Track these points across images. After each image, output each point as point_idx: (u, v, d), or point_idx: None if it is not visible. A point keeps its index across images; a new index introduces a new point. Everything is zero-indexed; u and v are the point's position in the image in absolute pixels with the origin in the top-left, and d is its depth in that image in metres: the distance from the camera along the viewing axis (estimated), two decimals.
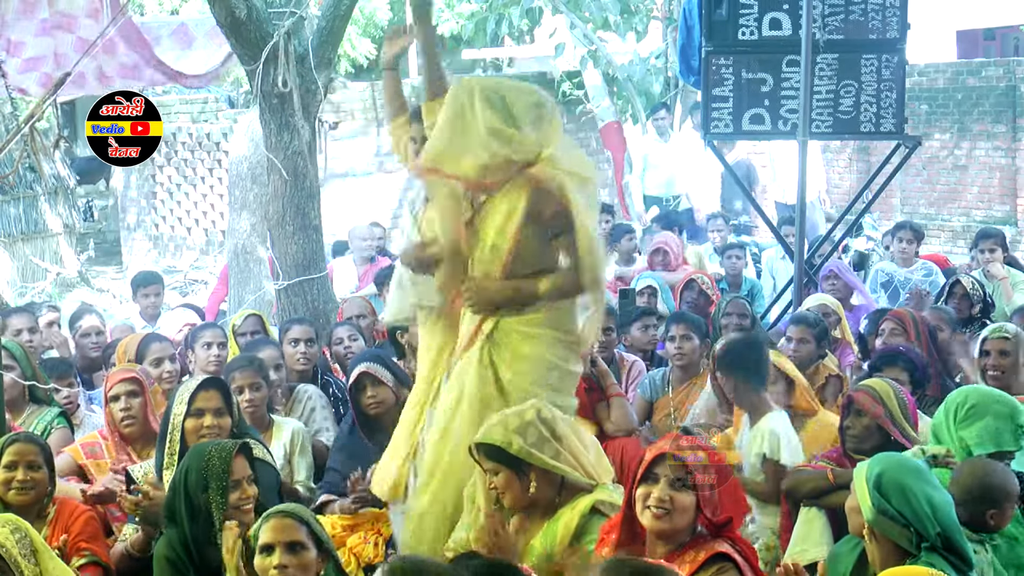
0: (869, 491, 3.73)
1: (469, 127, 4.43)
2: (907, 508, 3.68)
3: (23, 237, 14.95)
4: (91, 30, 8.81)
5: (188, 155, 16.08)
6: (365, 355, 5.79)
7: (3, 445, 4.51)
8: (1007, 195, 15.24)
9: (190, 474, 4.12)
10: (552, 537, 4.05)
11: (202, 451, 4.21)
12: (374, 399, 5.45)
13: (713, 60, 7.71)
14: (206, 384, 4.84)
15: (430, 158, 4.49)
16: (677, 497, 3.60)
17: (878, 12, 7.56)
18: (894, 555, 3.70)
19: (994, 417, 4.46)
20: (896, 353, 5.61)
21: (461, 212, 4.57)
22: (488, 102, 4.46)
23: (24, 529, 3.81)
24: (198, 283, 13.79)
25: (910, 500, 3.69)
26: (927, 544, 3.66)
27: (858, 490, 3.79)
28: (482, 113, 4.43)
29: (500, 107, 4.47)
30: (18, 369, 5.77)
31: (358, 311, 7.50)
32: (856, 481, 3.82)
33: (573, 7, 14.94)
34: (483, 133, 4.41)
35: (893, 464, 3.85)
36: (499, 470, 4.09)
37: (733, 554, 3.55)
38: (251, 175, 9.23)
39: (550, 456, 4.07)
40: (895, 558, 3.69)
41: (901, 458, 4.01)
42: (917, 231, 9.13)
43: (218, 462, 4.11)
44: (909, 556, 3.68)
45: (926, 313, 6.58)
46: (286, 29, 7.57)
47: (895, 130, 7.74)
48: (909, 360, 5.52)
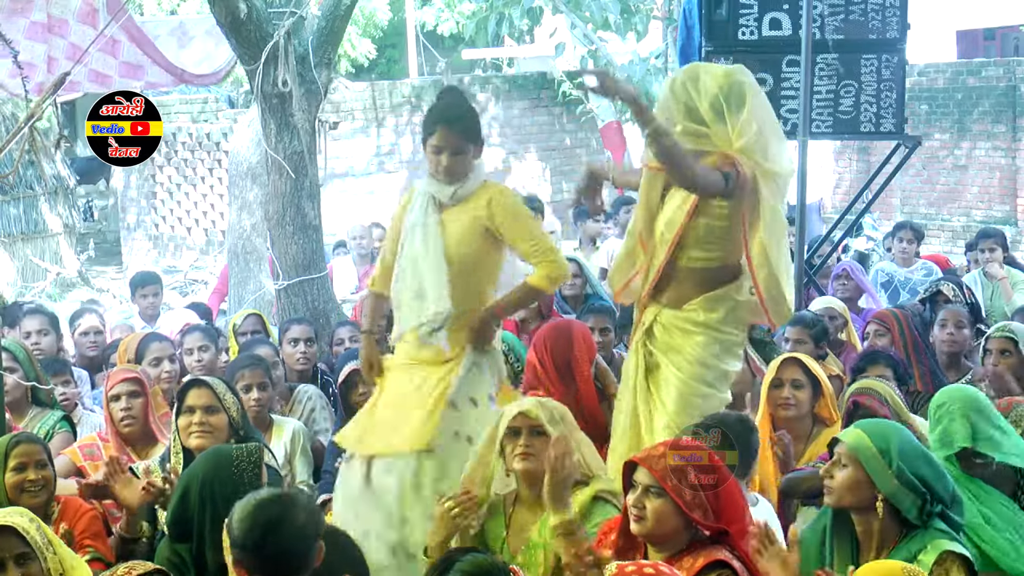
0: (885, 460, 3.70)
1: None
2: (929, 471, 3.69)
3: (23, 237, 14.96)
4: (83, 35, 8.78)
5: (188, 155, 16.08)
6: (355, 353, 5.81)
7: (7, 447, 4.49)
8: (1007, 195, 15.24)
9: (215, 485, 4.00)
10: (551, 529, 4.03)
11: (227, 461, 4.10)
12: (364, 396, 5.45)
13: (713, 60, 7.69)
14: (196, 382, 4.85)
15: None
16: (651, 503, 3.57)
17: (878, 12, 7.56)
18: (894, 529, 3.70)
19: (951, 420, 4.28)
20: (876, 353, 5.67)
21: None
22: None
23: (37, 520, 3.82)
24: (198, 283, 13.79)
25: (931, 463, 3.71)
26: (937, 510, 3.67)
27: (866, 463, 3.72)
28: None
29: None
30: (21, 371, 5.76)
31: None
32: (860, 455, 3.73)
33: (573, 7, 14.95)
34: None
35: (892, 430, 3.83)
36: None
37: (731, 560, 3.50)
38: (251, 175, 9.23)
39: (560, 432, 4.11)
40: (894, 533, 3.70)
41: (892, 424, 3.98)
42: (917, 231, 9.13)
43: (249, 472, 4.07)
44: (911, 529, 3.67)
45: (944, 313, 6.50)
46: (286, 29, 7.56)
47: (895, 130, 7.74)
48: (889, 358, 5.58)
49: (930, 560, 3.57)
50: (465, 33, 16.38)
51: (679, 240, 4.76)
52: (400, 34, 22.58)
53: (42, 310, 7.56)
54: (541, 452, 4.09)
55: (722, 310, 4.77)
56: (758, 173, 4.67)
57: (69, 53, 8.70)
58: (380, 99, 16.06)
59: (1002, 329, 5.80)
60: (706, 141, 4.74)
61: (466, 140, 4.82)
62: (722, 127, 4.71)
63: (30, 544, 3.66)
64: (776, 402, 5.05)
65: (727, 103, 4.70)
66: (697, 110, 4.74)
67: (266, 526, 3.40)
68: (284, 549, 3.39)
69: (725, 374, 4.82)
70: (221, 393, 4.78)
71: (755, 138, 4.67)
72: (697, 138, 4.74)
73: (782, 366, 5.10)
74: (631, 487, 3.66)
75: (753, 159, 4.66)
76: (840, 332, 6.89)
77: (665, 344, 4.80)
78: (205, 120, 16.22)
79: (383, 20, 22.36)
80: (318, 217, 8.01)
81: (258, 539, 3.38)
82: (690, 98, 4.74)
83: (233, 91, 16.69)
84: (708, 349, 4.75)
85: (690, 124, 4.74)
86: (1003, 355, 5.65)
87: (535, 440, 4.13)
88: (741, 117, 4.68)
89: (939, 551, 3.58)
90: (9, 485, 4.44)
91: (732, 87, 4.72)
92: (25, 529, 3.68)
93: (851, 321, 7.10)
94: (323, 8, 8.08)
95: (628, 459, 3.76)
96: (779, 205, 4.78)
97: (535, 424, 4.15)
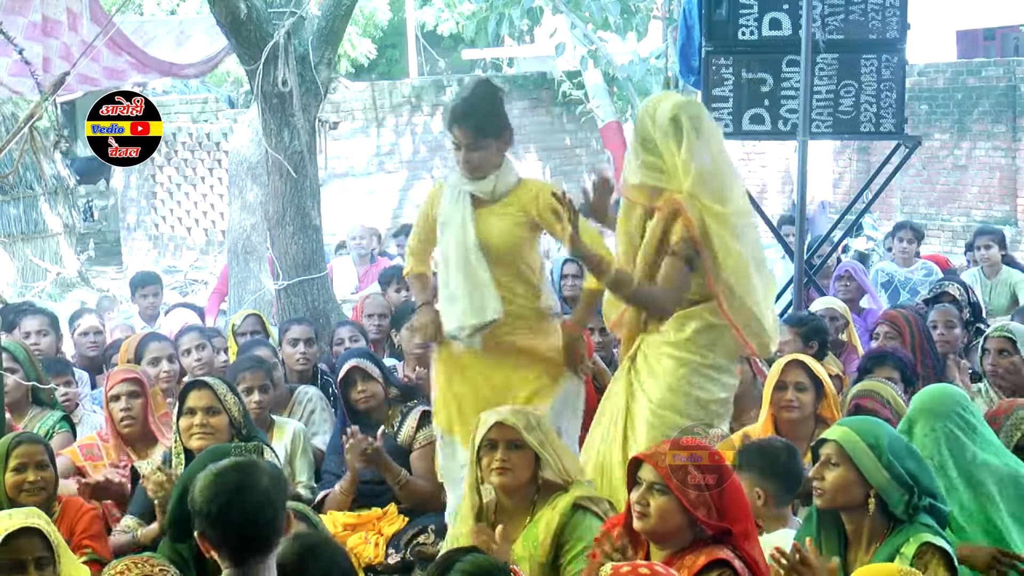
0: (875, 454, 3.68)
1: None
2: (914, 464, 3.68)
3: (23, 237, 14.96)
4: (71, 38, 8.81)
5: (188, 155, 16.08)
6: (354, 351, 5.84)
7: (8, 447, 4.50)
8: (1007, 195, 15.24)
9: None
10: (534, 539, 4.11)
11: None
12: (364, 393, 5.51)
13: (713, 60, 7.71)
14: (197, 383, 4.86)
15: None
16: (654, 500, 3.58)
17: (878, 12, 7.56)
18: (883, 525, 3.70)
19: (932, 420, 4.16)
20: (884, 353, 5.63)
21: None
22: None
23: (51, 524, 3.85)
24: (198, 283, 13.79)
25: (916, 456, 3.70)
26: (924, 504, 3.66)
27: (857, 459, 3.71)
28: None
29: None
30: (21, 371, 5.76)
31: (380, 310, 7.51)
32: (851, 451, 3.71)
33: (573, 7, 14.94)
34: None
35: (878, 426, 3.82)
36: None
37: (733, 560, 3.50)
38: (251, 175, 9.23)
39: (536, 442, 4.17)
40: (882, 528, 3.69)
41: (876, 420, 3.97)
42: (917, 231, 9.13)
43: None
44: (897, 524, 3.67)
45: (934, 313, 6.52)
46: (286, 29, 7.56)
47: (895, 130, 7.73)
48: (898, 359, 5.54)
49: (910, 552, 3.57)
50: (465, 33, 16.37)
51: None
52: (400, 34, 22.58)
53: (42, 311, 7.56)
54: (518, 466, 4.16)
55: (690, 329, 4.59)
56: (707, 216, 4.52)
57: (62, 53, 8.72)
58: (380, 99, 16.05)
59: (1000, 329, 5.80)
60: (662, 177, 4.62)
61: (482, 135, 4.83)
62: (673, 160, 4.59)
63: (51, 547, 3.68)
64: (779, 404, 5.02)
65: (676, 136, 4.57)
66: (654, 141, 4.63)
67: (229, 493, 3.21)
68: (249, 517, 3.20)
69: (700, 402, 4.62)
70: (222, 394, 4.78)
71: (701, 178, 4.53)
72: (654, 172, 4.64)
73: (785, 368, 5.05)
74: (635, 484, 3.66)
75: (701, 202, 4.52)
76: (841, 333, 6.89)
77: (644, 369, 4.69)
78: (205, 120, 16.21)
79: (383, 20, 22.36)
80: (318, 217, 8.01)
81: (222, 506, 3.20)
82: (646, 129, 4.64)
83: (233, 91, 16.69)
84: (676, 373, 4.58)
85: (648, 157, 4.65)
86: (1001, 355, 5.65)
87: (512, 454, 4.17)
88: (684, 155, 4.55)
89: (919, 543, 3.59)
90: (8, 485, 4.45)
91: (680, 120, 4.57)
92: (45, 528, 3.70)
93: (852, 322, 7.11)
94: (323, 8, 8.08)
95: (634, 456, 3.77)
96: (737, 244, 4.57)
97: (513, 437, 4.18)
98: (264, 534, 3.22)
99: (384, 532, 5.21)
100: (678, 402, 4.58)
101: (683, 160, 4.54)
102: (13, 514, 3.81)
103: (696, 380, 4.60)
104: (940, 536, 3.66)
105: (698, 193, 4.52)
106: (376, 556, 5.13)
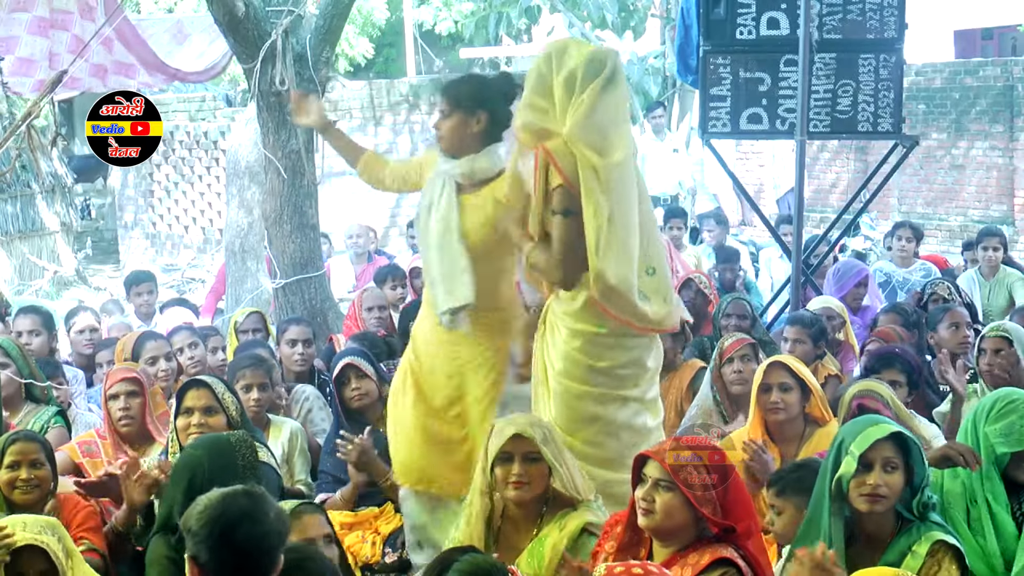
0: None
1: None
2: (920, 464, 3.67)
3: (20, 235, 14.95)
4: (85, 29, 8.80)
5: (186, 153, 16.06)
6: (349, 349, 5.83)
7: (4, 445, 4.51)
8: (1004, 195, 15.24)
9: (223, 473, 3.93)
10: (540, 557, 4.04)
11: (228, 448, 4.11)
12: (358, 391, 5.48)
13: (711, 59, 7.71)
14: (195, 383, 4.86)
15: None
16: (660, 497, 3.57)
17: (876, 12, 7.57)
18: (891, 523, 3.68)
19: (1020, 416, 4.13)
20: (892, 355, 5.57)
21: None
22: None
23: (60, 533, 3.82)
24: (195, 281, 13.78)
25: (922, 456, 3.69)
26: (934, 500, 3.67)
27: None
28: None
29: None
30: (14, 367, 5.76)
31: (379, 302, 7.51)
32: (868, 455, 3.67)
33: (571, 6, 14.95)
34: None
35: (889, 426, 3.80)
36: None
37: (736, 559, 3.51)
38: (249, 173, 9.23)
39: (552, 455, 4.10)
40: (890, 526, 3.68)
41: (881, 418, 3.96)
42: (917, 230, 9.13)
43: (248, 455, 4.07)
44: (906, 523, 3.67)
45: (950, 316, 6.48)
46: (284, 28, 7.56)
47: (892, 130, 7.74)
48: (906, 362, 5.49)
49: (923, 551, 3.57)
50: (463, 32, 16.40)
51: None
52: (398, 33, 22.57)
53: (35, 309, 7.55)
54: (535, 480, 4.09)
55: (581, 299, 4.46)
56: (580, 164, 4.32)
57: (72, 46, 8.73)
58: (378, 98, 16.03)
59: (996, 328, 5.79)
60: (544, 117, 4.44)
61: (454, 105, 4.75)
62: (565, 106, 4.39)
63: (53, 562, 3.67)
64: (766, 407, 5.00)
65: (580, 81, 4.36)
66: (550, 83, 4.42)
67: (232, 521, 3.06)
68: (247, 550, 3.05)
69: (602, 371, 4.50)
70: (220, 393, 4.78)
71: (584, 123, 4.34)
72: (536, 112, 4.45)
73: (768, 370, 5.01)
74: (640, 481, 3.66)
75: (576, 148, 4.34)
76: (838, 332, 6.88)
77: (549, 337, 4.60)
78: (203, 118, 16.20)
79: (381, 19, 22.36)
80: (316, 216, 8.01)
81: (224, 533, 3.05)
82: (549, 70, 4.44)
83: (231, 89, 16.68)
84: (571, 344, 4.49)
85: (537, 99, 4.45)
86: (997, 354, 5.65)
87: (529, 468, 4.09)
88: (581, 98, 4.35)
89: (931, 541, 3.59)
90: (2, 482, 4.46)
91: (589, 66, 4.37)
92: (51, 548, 3.69)
93: (849, 321, 7.11)
94: (321, 7, 8.08)
95: (639, 453, 3.75)
96: (603, 198, 4.33)
97: (529, 450, 4.10)
98: (263, 566, 3.11)
99: (381, 531, 5.20)
100: (577, 372, 4.50)
101: (579, 102, 4.34)
102: (28, 524, 3.79)
103: (592, 350, 4.50)
104: (951, 535, 3.66)
105: (576, 140, 4.36)
106: (373, 555, 5.12)
